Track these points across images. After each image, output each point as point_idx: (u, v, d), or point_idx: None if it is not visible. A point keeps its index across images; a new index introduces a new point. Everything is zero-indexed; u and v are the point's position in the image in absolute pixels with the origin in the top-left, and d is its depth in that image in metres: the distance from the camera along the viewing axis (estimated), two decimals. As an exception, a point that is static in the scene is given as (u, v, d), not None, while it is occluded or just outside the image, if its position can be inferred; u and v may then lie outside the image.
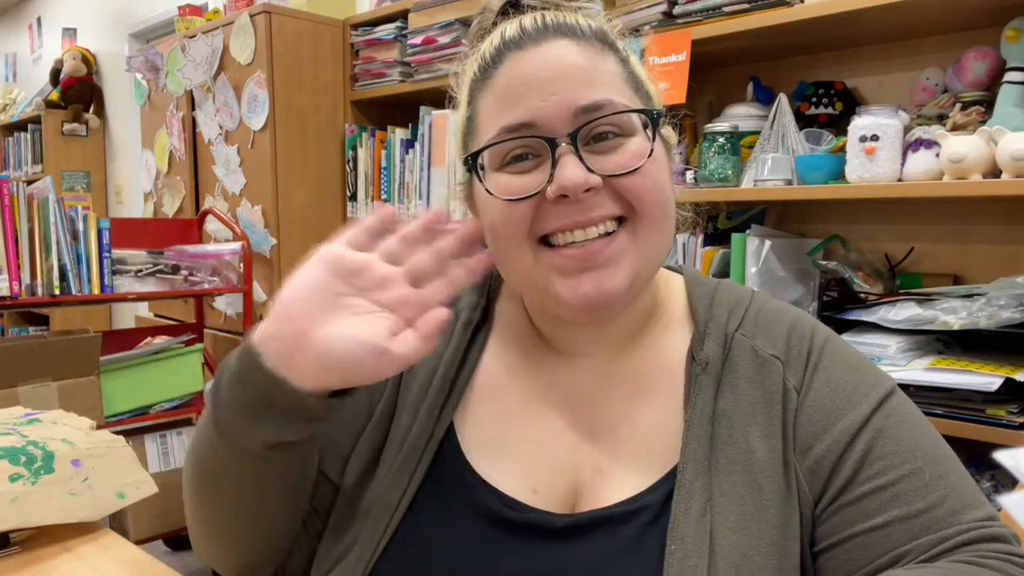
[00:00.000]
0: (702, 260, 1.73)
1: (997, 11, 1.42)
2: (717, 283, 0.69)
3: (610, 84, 0.59)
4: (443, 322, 0.54)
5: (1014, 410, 1.26)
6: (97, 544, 0.90)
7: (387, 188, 2.51)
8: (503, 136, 0.58)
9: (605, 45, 0.61)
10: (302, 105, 2.52)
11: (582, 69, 0.58)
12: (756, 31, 1.58)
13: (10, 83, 5.67)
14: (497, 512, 0.61)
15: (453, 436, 0.65)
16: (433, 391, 0.66)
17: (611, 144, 0.58)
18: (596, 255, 0.57)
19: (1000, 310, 1.27)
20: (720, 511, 0.57)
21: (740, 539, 0.56)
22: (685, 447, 0.60)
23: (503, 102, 0.59)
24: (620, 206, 0.58)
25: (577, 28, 0.60)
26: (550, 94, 0.57)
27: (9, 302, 2.02)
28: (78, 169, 4.57)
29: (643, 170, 0.58)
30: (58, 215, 2.07)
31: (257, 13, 2.44)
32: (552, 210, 0.58)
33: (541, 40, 0.59)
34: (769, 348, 0.63)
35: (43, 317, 4.41)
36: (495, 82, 0.60)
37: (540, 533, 0.59)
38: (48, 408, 1.17)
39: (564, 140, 0.57)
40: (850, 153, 1.46)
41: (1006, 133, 1.28)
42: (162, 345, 2.42)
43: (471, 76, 0.63)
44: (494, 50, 0.61)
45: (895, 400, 0.61)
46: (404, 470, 0.63)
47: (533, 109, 0.57)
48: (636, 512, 0.59)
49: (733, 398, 0.61)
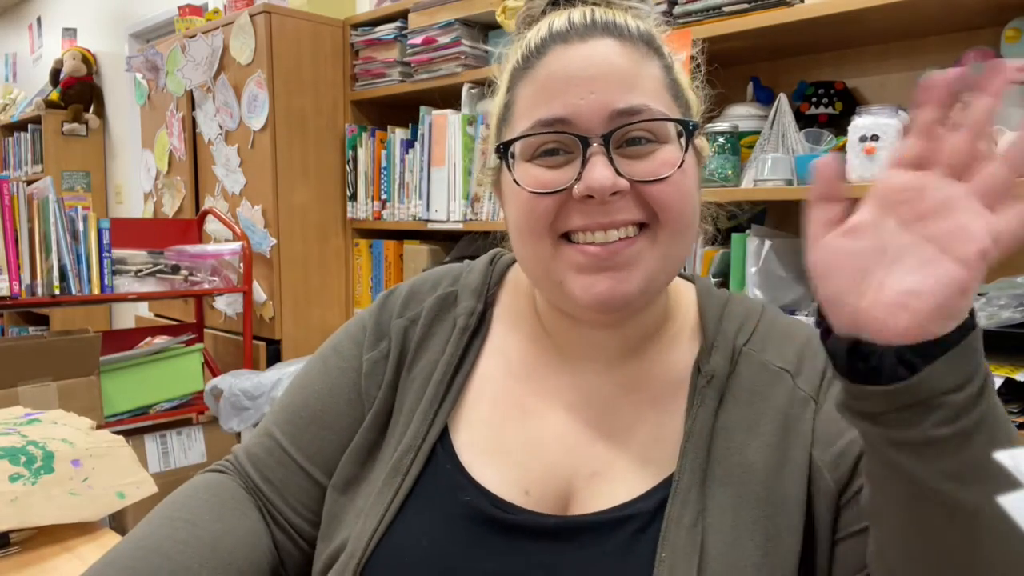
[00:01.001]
0: (702, 260, 1.73)
1: (997, 11, 1.42)
2: (728, 296, 0.69)
3: (650, 89, 0.59)
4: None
5: (1014, 410, 1.26)
6: (97, 544, 0.90)
7: (387, 188, 2.51)
8: (537, 129, 0.59)
9: (651, 49, 0.61)
10: (302, 105, 2.52)
11: (624, 71, 0.58)
12: (756, 31, 1.58)
13: (10, 83, 5.67)
14: (487, 513, 0.61)
15: (447, 439, 0.66)
16: (428, 395, 0.67)
17: (643, 150, 0.58)
18: (614, 256, 0.58)
19: (1000, 310, 1.27)
20: (712, 522, 0.57)
21: (731, 552, 0.56)
22: (683, 457, 0.60)
23: (542, 94, 0.59)
24: (644, 212, 0.58)
25: (625, 28, 0.60)
26: (589, 92, 0.57)
27: (9, 302, 2.02)
28: (78, 169, 4.57)
29: (671, 180, 0.58)
30: (58, 215, 2.07)
31: (257, 13, 2.44)
32: (577, 208, 0.58)
33: (587, 37, 0.59)
34: (778, 361, 0.63)
35: (43, 317, 4.42)
36: (536, 73, 0.60)
37: (530, 534, 0.60)
38: (48, 408, 1.17)
39: (597, 140, 0.57)
40: (850, 153, 1.46)
41: (1006, 133, 1.28)
42: (162, 345, 2.42)
43: (513, 63, 0.63)
44: (540, 40, 0.61)
45: None
46: (397, 472, 0.64)
47: (570, 106, 0.57)
48: (628, 519, 0.59)
49: (736, 412, 0.61)
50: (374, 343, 0.71)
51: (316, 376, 0.72)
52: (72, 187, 4.53)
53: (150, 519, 0.65)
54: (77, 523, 0.92)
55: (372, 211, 2.56)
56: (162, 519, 0.65)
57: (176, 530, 0.63)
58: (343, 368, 0.71)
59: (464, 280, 0.73)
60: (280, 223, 2.50)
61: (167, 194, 3.00)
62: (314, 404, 0.71)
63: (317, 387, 0.71)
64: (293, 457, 0.69)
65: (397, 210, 2.47)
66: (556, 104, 0.58)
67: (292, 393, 0.73)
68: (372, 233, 2.65)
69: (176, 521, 0.64)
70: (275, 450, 0.70)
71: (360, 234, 2.66)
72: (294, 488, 0.69)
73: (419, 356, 0.70)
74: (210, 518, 0.65)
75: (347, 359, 0.72)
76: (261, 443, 0.72)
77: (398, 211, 2.47)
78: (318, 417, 0.70)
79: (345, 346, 0.73)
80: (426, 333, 0.70)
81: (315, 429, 0.70)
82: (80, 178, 4.58)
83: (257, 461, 0.71)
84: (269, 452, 0.71)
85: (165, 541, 0.62)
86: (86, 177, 4.61)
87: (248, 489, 0.70)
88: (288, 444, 0.70)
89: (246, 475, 0.71)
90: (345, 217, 2.65)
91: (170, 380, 2.36)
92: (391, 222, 2.49)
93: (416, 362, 0.69)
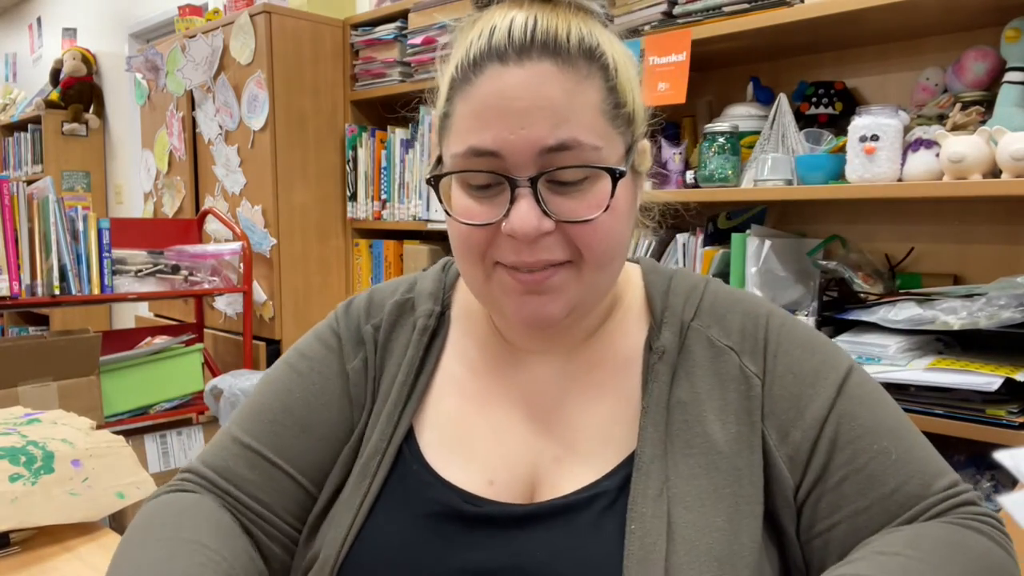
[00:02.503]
0: (702, 260, 1.73)
1: (997, 11, 1.42)
2: (672, 272, 0.71)
3: (584, 122, 0.58)
4: None
5: (1014, 410, 1.26)
6: (97, 544, 0.90)
7: (387, 188, 2.51)
8: (470, 160, 0.59)
9: (592, 63, 0.59)
10: (302, 105, 2.52)
11: (556, 104, 0.57)
12: (756, 31, 1.58)
13: (10, 83, 5.67)
14: (455, 507, 0.62)
15: (413, 439, 0.67)
16: (392, 397, 0.68)
17: (572, 188, 0.59)
18: (540, 283, 0.60)
19: (1000, 310, 1.27)
20: (676, 491, 0.59)
21: (696, 517, 0.58)
22: (642, 432, 0.62)
23: (476, 119, 0.59)
24: (569, 251, 0.59)
25: (564, 47, 0.58)
26: (519, 127, 0.57)
27: (9, 302, 2.02)
28: (78, 169, 4.57)
29: (596, 222, 0.59)
30: (58, 215, 2.07)
31: (257, 13, 2.44)
32: (506, 241, 0.59)
33: (524, 59, 0.58)
34: (723, 338, 0.65)
35: (43, 317, 4.41)
36: (472, 91, 0.59)
37: (497, 524, 0.61)
38: (48, 408, 1.17)
39: (524, 184, 0.58)
40: (850, 153, 1.46)
41: (1006, 133, 1.28)
42: (162, 345, 2.42)
43: (451, 75, 0.62)
44: (479, 53, 0.59)
45: (854, 379, 0.64)
46: (365, 475, 0.65)
47: (500, 140, 0.57)
48: (594, 498, 0.61)
49: (689, 386, 0.63)
50: (353, 352, 0.71)
51: (293, 383, 0.71)
52: (72, 187, 4.53)
53: (156, 546, 0.61)
54: (77, 523, 0.92)
55: (372, 211, 2.56)
56: (172, 541, 0.61)
57: (194, 553, 0.60)
58: (324, 374, 0.71)
59: (420, 286, 0.74)
60: (280, 223, 2.50)
61: (167, 194, 3.00)
62: (300, 411, 0.69)
63: (298, 394, 0.70)
64: (283, 469, 0.68)
65: (397, 210, 2.47)
66: (487, 136, 0.58)
67: (262, 401, 0.71)
68: (372, 233, 2.65)
69: (191, 544, 0.61)
70: (259, 463, 0.68)
71: (360, 234, 2.66)
72: (288, 502, 0.68)
73: (384, 360, 0.71)
74: (217, 545, 0.62)
75: (326, 365, 0.71)
76: (238, 457, 0.68)
77: (398, 211, 2.47)
78: (309, 426, 0.69)
79: (319, 353, 0.72)
80: (388, 337, 0.72)
81: (306, 439, 0.68)
82: (80, 178, 4.58)
83: (236, 478, 0.68)
84: (252, 466, 0.68)
85: (193, 568, 0.58)
86: (86, 177, 4.60)
87: (228, 507, 0.67)
88: (275, 456, 0.68)
89: (223, 492, 0.68)
90: (345, 217, 2.65)
91: (170, 380, 2.36)
92: (391, 222, 2.49)
93: (382, 366, 0.71)
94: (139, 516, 0.66)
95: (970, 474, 1.36)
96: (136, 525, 0.65)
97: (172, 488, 0.69)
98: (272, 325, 2.54)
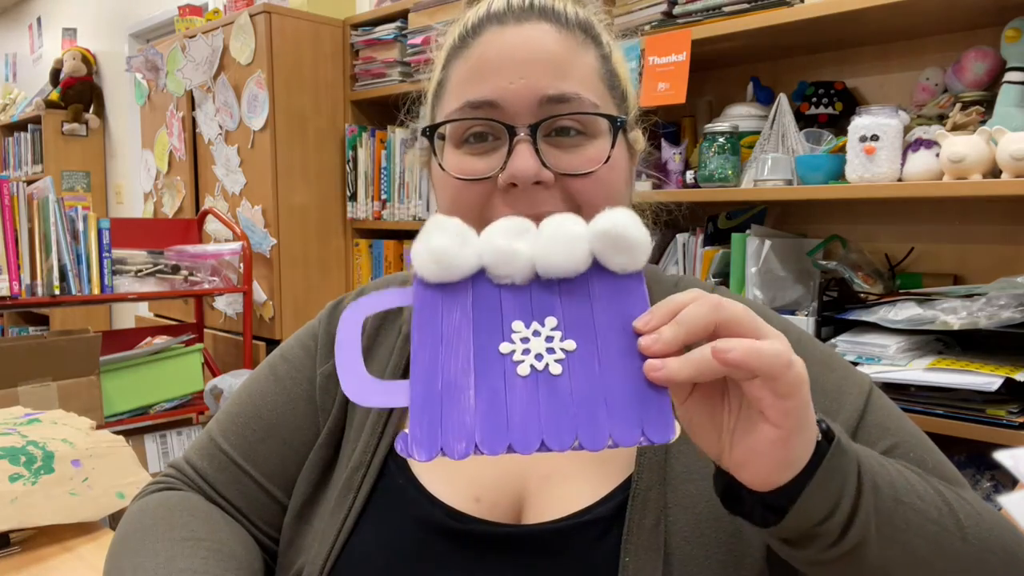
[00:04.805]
0: (702, 260, 1.73)
1: (997, 11, 1.42)
2: (678, 279, 0.69)
3: (583, 78, 0.58)
4: None
5: (1014, 410, 1.26)
6: (97, 544, 0.90)
7: (387, 188, 2.51)
8: (466, 111, 0.58)
9: (588, 37, 0.60)
10: (302, 105, 2.52)
11: (557, 56, 0.57)
12: (756, 31, 1.58)
13: (10, 83, 5.67)
14: (439, 523, 0.59)
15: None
16: (375, 409, 0.65)
17: (571, 141, 0.58)
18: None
19: (1000, 310, 1.27)
20: (675, 520, 0.56)
21: (695, 549, 0.55)
22: (640, 455, 0.58)
23: (473, 75, 0.58)
24: (568, 206, 0.57)
25: (563, 15, 0.59)
26: (519, 77, 0.56)
27: (9, 302, 2.02)
28: (78, 169, 4.57)
29: (596, 175, 0.57)
30: (58, 215, 2.07)
31: (257, 13, 2.44)
32: (502, 197, 0.58)
33: (523, 20, 0.58)
34: None
35: (43, 317, 4.41)
36: (470, 52, 0.59)
37: (482, 544, 0.58)
38: (48, 408, 1.17)
39: (523, 130, 0.56)
40: (850, 153, 1.46)
41: (1006, 133, 1.28)
42: (162, 345, 2.42)
43: (450, 42, 0.62)
44: (477, 20, 0.60)
45: (877, 394, 0.63)
46: (349, 489, 0.63)
47: (499, 89, 0.57)
48: (586, 525, 0.57)
49: None
50: (326, 356, 0.69)
51: (268, 386, 0.70)
52: (72, 187, 4.53)
53: (154, 547, 0.60)
54: (77, 523, 0.92)
55: (372, 211, 2.56)
56: (169, 541, 0.61)
57: (195, 548, 0.60)
58: (296, 379, 0.69)
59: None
60: (280, 223, 2.50)
61: (167, 194, 3.00)
62: (268, 416, 0.68)
63: (270, 398, 0.69)
64: (250, 475, 0.67)
65: (397, 210, 2.47)
66: (486, 86, 0.57)
67: (240, 402, 0.71)
68: (372, 233, 2.65)
69: (188, 542, 0.61)
70: (229, 467, 0.67)
71: (360, 234, 2.66)
72: (256, 506, 0.67)
73: (367, 367, 0.69)
74: (213, 535, 0.62)
75: (299, 369, 0.70)
76: (213, 458, 0.68)
77: (398, 211, 2.47)
78: (275, 431, 0.68)
79: (297, 355, 0.71)
80: (372, 343, 0.69)
81: (272, 443, 0.67)
82: (80, 178, 4.58)
83: (211, 479, 0.68)
84: (222, 469, 0.68)
85: (196, 562, 0.59)
86: (86, 177, 4.60)
87: (212, 502, 0.68)
88: (243, 460, 0.67)
89: (202, 491, 0.68)
90: (345, 217, 2.65)
91: (170, 380, 2.36)
92: (391, 222, 2.49)
93: None
94: (130, 515, 0.66)
95: (970, 474, 1.36)
96: (129, 525, 0.65)
97: (159, 486, 0.70)
98: (272, 325, 2.54)
